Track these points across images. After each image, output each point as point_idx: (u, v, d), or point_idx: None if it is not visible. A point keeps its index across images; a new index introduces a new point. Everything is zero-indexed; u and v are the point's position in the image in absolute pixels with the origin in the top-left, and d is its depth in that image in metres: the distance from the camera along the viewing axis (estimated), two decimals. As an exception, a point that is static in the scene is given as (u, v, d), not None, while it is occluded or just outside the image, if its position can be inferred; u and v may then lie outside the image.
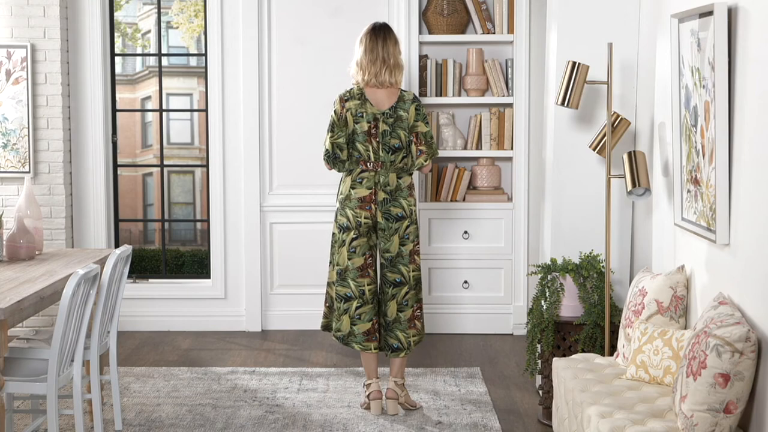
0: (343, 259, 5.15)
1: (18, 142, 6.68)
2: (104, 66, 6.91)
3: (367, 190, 5.11)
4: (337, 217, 5.17)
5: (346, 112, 5.12)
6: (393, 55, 5.14)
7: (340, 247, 5.15)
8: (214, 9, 6.86)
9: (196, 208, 10.20)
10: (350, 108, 5.12)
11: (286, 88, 6.90)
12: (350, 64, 5.24)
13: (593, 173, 5.19)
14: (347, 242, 5.13)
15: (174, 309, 7.03)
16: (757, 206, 3.44)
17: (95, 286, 4.33)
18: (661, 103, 4.74)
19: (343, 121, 5.12)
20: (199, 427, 4.93)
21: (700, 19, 3.89)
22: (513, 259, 6.88)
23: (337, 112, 5.13)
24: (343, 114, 5.12)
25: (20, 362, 4.23)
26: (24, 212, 5.15)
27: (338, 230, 5.16)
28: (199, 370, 5.93)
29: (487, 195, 6.85)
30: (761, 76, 3.40)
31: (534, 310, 4.98)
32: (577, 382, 4.10)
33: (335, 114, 5.14)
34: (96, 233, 6.96)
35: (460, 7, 6.82)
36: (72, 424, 4.86)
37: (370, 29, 5.20)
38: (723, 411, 3.27)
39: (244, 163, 6.90)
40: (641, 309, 4.25)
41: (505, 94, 6.83)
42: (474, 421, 5.02)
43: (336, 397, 5.41)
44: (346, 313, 5.15)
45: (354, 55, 5.22)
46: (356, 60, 5.19)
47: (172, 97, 10.18)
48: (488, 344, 6.64)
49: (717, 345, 3.24)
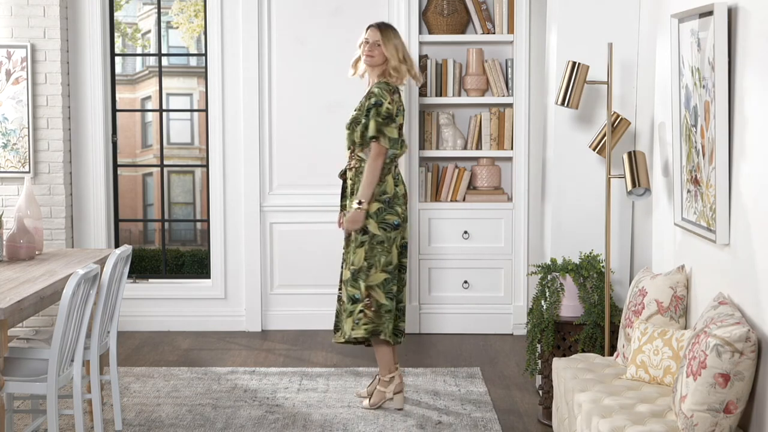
0: (394, 257, 5.11)
1: (18, 142, 6.68)
2: (104, 66, 6.91)
3: (404, 188, 5.19)
4: (384, 216, 5.08)
5: (394, 106, 5.11)
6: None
7: (392, 245, 5.09)
8: (214, 9, 6.86)
9: (196, 208, 10.20)
10: (395, 101, 5.12)
11: (286, 88, 6.90)
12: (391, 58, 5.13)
13: (593, 173, 5.19)
14: (398, 240, 5.12)
15: (174, 309, 7.03)
16: (757, 206, 3.44)
17: (95, 286, 4.33)
18: (661, 103, 4.74)
19: (393, 114, 5.10)
20: (199, 427, 4.94)
21: (700, 19, 3.89)
22: (513, 259, 6.88)
23: (389, 103, 5.07)
24: (392, 107, 5.10)
25: (20, 362, 4.23)
26: (24, 212, 5.15)
27: (388, 229, 5.08)
28: (199, 370, 5.93)
29: (487, 195, 6.85)
30: (761, 76, 3.40)
31: (534, 310, 4.98)
32: (577, 382, 4.10)
33: (389, 104, 5.06)
34: (96, 233, 6.96)
35: (460, 7, 6.82)
36: (72, 424, 4.86)
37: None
38: (723, 411, 3.27)
39: (244, 163, 6.90)
40: (641, 309, 4.25)
41: (505, 94, 6.83)
42: (474, 421, 5.02)
43: (336, 397, 5.41)
44: (390, 311, 5.14)
45: (398, 51, 5.14)
46: (405, 54, 5.16)
47: (172, 97, 10.18)
48: (488, 344, 6.64)
49: (717, 345, 3.24)
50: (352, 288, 5.13)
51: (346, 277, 5.16)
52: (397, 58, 5.15)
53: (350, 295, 5.14)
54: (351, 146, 5.18)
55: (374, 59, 5.15)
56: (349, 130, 5.17)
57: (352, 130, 5.16)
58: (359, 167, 5.14)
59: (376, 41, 5.15)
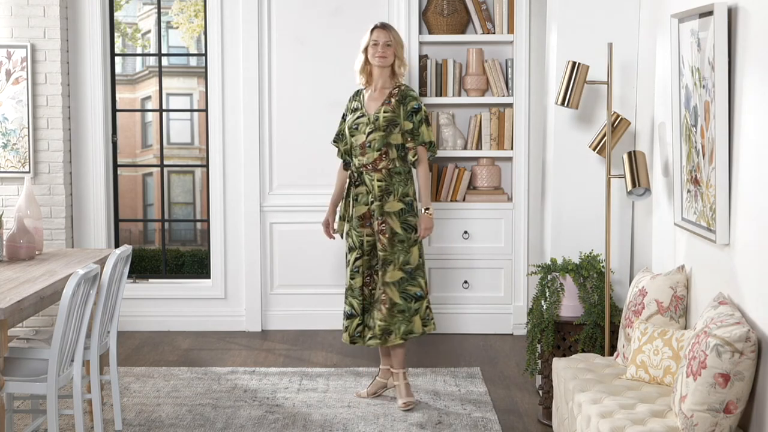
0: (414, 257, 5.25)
1: (18, 142, 6.68)
2: (104, 66, 6.91)
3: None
4: (406, 217, 5.22)
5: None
6: None
7: (411, 246, 5.22)
8: (214, 9, 6.86)
9: (196, 208, 10.20)
10: None
11: (286, 88, 6.90)
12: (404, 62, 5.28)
13: (593, 173, 5.19)
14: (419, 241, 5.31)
15: (174, 309, 7.03)
16: (757, 206, 3.44)
17: (95, 286, 4.33)
18: (661, 103, 4.74)
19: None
20: (199, 427, 4.94)
21: (700, 19, 3.89)
22: (513, 259, 6.88)
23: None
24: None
25: (20, 362, 4.23)
26: (24, 212, 5.15)
27: (408, 230, 5.21)
28: (199, 370, 5.93)
29: (487, 195, 6.85)
30: (761, 76, 3.40)
31: (534, 310, 4.98)
32: (577, 382, 4.10)
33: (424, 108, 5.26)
34: (96, 233, 6.96)
35: (460, 7, 6.82)
36: (72, 424, 4.86)
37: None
38: (723, 411, 3.27)
39: (244, 163, 6.90)
40: (641, 309, 4.25)
41: (505, 94, 6.83)
42: (474, 421, 5.02)
43: (336, 397, 5.41)
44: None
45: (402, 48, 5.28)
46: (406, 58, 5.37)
47: (172, 97, 10.18)
48: (488, 344, 6.64)
49: (717, 345, 3.24)
50: (411, 286, 5.22)
51: (397, 278, 5.19)
52: (402, 56, 5.28)
53: (412, 294, 5.22)
54: (382, 147, 5.19)
55: (388, 59, 5.22)
56: (385, 131, 5.18)
57: (389, 132, 5.18)
58: (392, 168, 5.20)
59: (386, 41, 5.21)
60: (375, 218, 5.21)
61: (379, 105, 5.23)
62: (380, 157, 5.19)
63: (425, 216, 5.21)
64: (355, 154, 5.26)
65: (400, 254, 5.19)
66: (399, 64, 5.25)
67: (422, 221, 5.21)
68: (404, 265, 5.20)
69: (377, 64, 5.21)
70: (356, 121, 5.26)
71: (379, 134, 5.18)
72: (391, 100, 5.22)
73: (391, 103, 5.21)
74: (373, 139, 5.19)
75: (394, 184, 5.20)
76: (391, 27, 5.31)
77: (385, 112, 5.19)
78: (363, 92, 5.35)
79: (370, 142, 5.19)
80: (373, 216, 5.21)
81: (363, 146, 5.22)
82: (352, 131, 5.28)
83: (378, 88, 5.27)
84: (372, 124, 5.20)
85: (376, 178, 5.20)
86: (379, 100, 5.25)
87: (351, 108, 5.34)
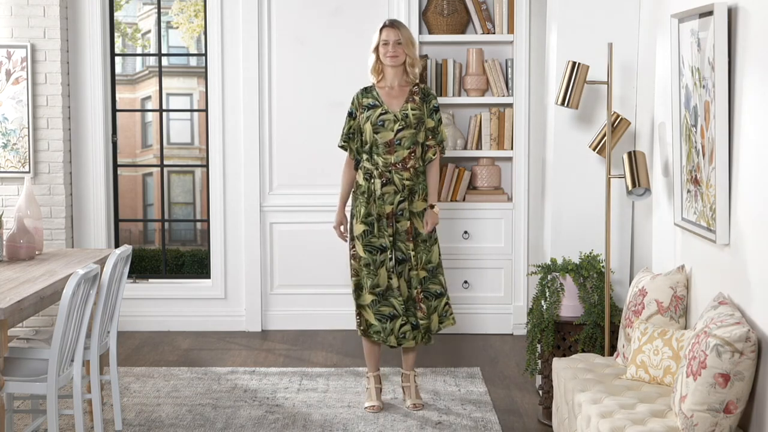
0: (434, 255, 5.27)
1: (18, 142, 6.68)
2: (104, 66, 6.91)
3: None
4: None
5: None
6: None
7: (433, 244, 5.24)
8: (214, 9, 6.86)
9: (196, 208, 10.20)
10: None
11: (286, 88, 6.90)
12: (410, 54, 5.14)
13: (593, 173, 5.19)
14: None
15: (174, 309, 7.03)
16: (757, 206, 3.44)
17: (95, 286, 4.33)
18: (661, 103, 4.74)
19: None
20: (199, 427, 4.93)
21: (700, 19, 3.89)
22: (513, 259, 6.88)
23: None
24: None
25: (20, 362, 4.23)
26: (24, 212, 5.15)
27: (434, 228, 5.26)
28: (199, 370, 5.93)
29: (487, 195, 6.85)
30: (761, 76, 3.40)
31: (534, 310, 4.98)
32: (577, 382, 4.10)
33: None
34: (96, 233, 6.96)
35: (460, 7, 6.82)
36: (72, 424, 4.86)
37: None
38: (723, 411, 3.27)
39: (244, 163, 6.90)
40: (641, 309, 4.25)
41: (505, 94, 6.83)
42: (474, 421, 5.02)
43: (336, 397, 5.41)
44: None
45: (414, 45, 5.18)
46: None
47: (172, 97, 10.18)
48: (488, 344, 6.64)
49: (717, 345, 3.24)
50: (432, 284, 5.20)
51: (421, 277, 5.17)
52: (413, 54, 5.17)
53: (432, 292, 5.20)
54: (412, 146, 5.13)
55: (399, 58, 5.11)
56: (415, 129, 5.13)
57: (418, 129, 5.15)
58: (418, 167, 5.16)
59: (397, 40, 5.10)
60: (403, 218, 5.13)
61: (403, 102, 5.12)
62: (409, 156, 5.11)
63: (432, 212, 5.18)
64: (378, 152, 5.11)
65: (423, 253, 5.16)
66: (411, 62, 5.13)
67: (429, 217, 5.19)
68: (426, 264, 5.18)
69: (389, 63, 5.10)
70: (381, 117, 5.10)
71: (410, 132, 5.09)
72: (414, 97, 5.14)
73: (416, 100, 5.13)
74: (403, 137, 5.09)
75: (419, 183, 5.17)
76: (401, 24, 5.18)
77: (413, 109, 5.11)
78: (376, 89, 5.19)
79: (400, 139, 5.09)
80: (399, 215, 5.13)
81: (390, 143, 5.08)
82: (377, 128, 5.09)
83: (396, 85, 5.16)
84: (402, 121, 5.08)
85: (405, 177, 5.11)
86: (400, 97, 5.14)
87: (365, 105, 5.15)
